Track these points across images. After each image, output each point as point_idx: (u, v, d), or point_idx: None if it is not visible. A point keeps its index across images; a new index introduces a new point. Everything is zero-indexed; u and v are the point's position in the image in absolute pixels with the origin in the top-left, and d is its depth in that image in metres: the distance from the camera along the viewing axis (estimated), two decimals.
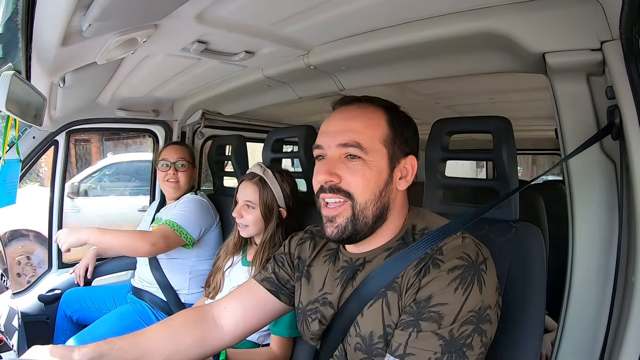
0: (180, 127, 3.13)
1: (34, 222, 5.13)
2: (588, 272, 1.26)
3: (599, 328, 1.20)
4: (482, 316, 1.01)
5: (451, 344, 0.98)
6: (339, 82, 2.09)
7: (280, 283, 1.41)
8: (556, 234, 1.80)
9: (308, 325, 1.30)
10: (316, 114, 3.57)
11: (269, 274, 1.44)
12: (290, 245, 1.46)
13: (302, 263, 1.39)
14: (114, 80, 2.17)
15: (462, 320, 0.99)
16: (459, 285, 1.01)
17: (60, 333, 2.61)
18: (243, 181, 2.02)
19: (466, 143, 3.57)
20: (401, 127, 1.19)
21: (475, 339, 1.00)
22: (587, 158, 1.22)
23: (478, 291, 1.01)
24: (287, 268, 1.43)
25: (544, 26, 1.21)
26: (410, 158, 1.19)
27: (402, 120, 1.20)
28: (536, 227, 1.34)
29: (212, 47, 1.74)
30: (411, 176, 1.19)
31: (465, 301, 1.00)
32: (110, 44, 1.39)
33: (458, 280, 1.01)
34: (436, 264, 1.05)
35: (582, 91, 1.23)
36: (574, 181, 1.29)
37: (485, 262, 1.06)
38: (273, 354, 1.83)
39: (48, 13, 1.16)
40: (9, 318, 1.69)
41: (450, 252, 1.07)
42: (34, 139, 2.46)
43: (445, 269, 1.03)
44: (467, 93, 2.65)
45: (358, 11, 1.43)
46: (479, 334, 1.00)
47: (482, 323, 1.01)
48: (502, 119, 1.37)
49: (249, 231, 2.00)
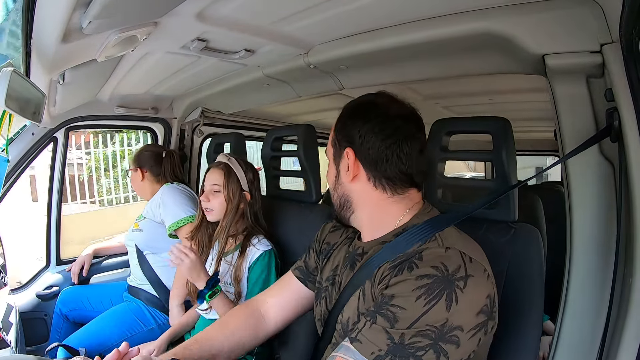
0: (179, 124, 3.13)
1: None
2: (586, 274, 1.26)
3: (596, 330, 1.20)
4: (444, 334, 0.95)
5: (398, 348, 0.95)
6: (338, 82, 2.10)
7: (308, 271, 1.50)
8: (554, 236, 1.81)
9: (319, 303, 1.36)
10: (316, 113, 3.58)
11: (301, 262, 1.53)
12: (322, 232, 1.53)
13: (329, 247, 1.45)
14: (113, 78, 2.17)
15: (416, 330, 0.95)
16: (422, 294, 0.97)
17: (55, 331, 2.62)
18: (210, 169, 2.11)
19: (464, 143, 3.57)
20: (344, 122, 1.25)
21: (428, 355, 0.95)
22: (585, 160, 1.22)
23: (444, 307, 0.95)
24: (314, 255, 1.50)
25: (544, 28, 1.21)
26: (347, 150, 1.20)
27: (349, 115, 1.25)
28: (535, 229, 1.34)
29: (212, 45, 1.74)
30: (352, 167, 1.20)
31: (425, 313, 0.95)
32: (110, 41, 1.39)
33: (424, 289, 0.97)
34: (411, 267, 1.02)
35: (581, 93, 1.23)
36: (573, 183, 1.29)
37: (466, 279, 0.99)
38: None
39: (48, 10, 1.16)
40: (6, 314, 1.69)
41: (428, 259, 1.02)
42: (32, 135, 2.44)
43: (415, 275, 0.99)
44: (467, 93, 2.65)
45: (358, 11, 1.43)
46: (436, 352, 0.95)
47: (442, 342, 0.95)
48: (501, 120, 1.37)
49: (214, 215, 2.06)
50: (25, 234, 4.96)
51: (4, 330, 1.55)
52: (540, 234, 1.33)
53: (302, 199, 2.08)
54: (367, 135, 1.17)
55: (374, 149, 1.17)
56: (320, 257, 1.47)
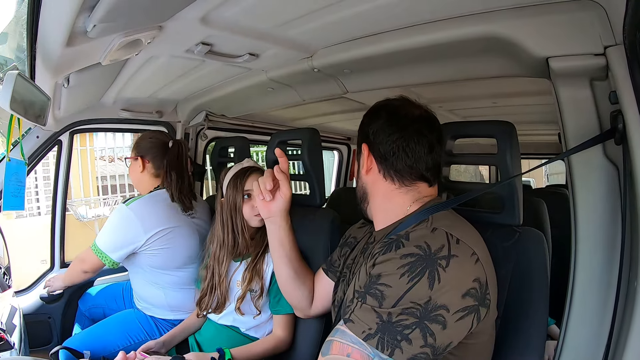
0: (183, 128, 3.12)
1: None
2: (590, 278, 1.25)
3: (601, 334, 1.20)
4: (428, 312, 0.99)
5: (387, 327, 1.00)
6: (342, 85, 2.10)
7: (331, 262, 1.66)
8: (559, 239, 1.80)
9: (338, 289, 1.50)
10: (320, 117, 3.58)
11: (330, 257, 1.70)
12: (350, 230, 1.66)
13: (355, 241, 1.56)
14: (118, 81, 2.17)
15: (402, 307, 1.00)
16: (406, 272, 1.03)
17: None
18: (252, 174, 1.99)
19: (468, 147, 3.57)
20: (363, 122, 1.38)
21: (415, 334, 0.99)
22: (590, 163, 1.21)
23: (427, 285, 1.00)
24: (339, 249, 1.64)
25: (548, 31, 1.21)
26: (363, 146, 1.34)
27: (368, 115, 1.38)
28: (539, 232, 1.34)
29: (216, 49, 1.74)
30: (367, 162, 1.33)
31: (409, 290, 1.01)
32: (115, 45, 1.40)
33: (407, 267, 1.03)
34: (398, 246, 1.09)
35: (585, 96, 1.23)
36: (577, 186, 1.28)
37: (449, 258, 1.04)
38: (278, 338, 1.88)
39: (53, 14, 1.16)
40: (10, 316, 1.69)
41: (414, 239, 1.09)
42: (37, 138, 2.45)
43: (400, 254, 1.06)
44: (470, 97, 2.65)
45: (362, 15, 1.43)
46: (422, 330, 0.99)
47: (427, 320, 0.99)
48: (506, 124, 1.37)
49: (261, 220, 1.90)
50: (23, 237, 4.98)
51: (7, 332, 1.55)
52: (545, 238, 1.33)
53: (306, 202, 2.08)
54: (377, 132, 1.30)
55: (383, 144, 1.29)
56: (344, 249, 1.59)
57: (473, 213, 1.44)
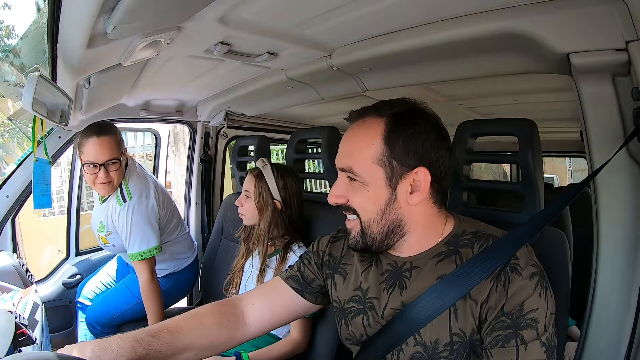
0: (203, 127, 3.17)
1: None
2: (612, 278, 1.23)
3: (622, 336, 1.18)
4: (553, 321, 1.04)
5: (550, 348, 1.01)
6: (361, 83, 2.09)
7: (306, 282, 1.41)
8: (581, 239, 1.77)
9: (348, 325, 1.29)
10: (339, 115, 3.57)
11: (295, 272, 1.44)
12: (320, 244, 1.45)
13: (334, 260, 1.38)
14: (138, 82, 2.20)
15: (550, 323, 1.02)
16: (541, 290, 1.03)
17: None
18: (247, 174, 2.16)
19: (488, 145, 3.53)
20: (404, 138, 1.10)
21: (555, 340, 1.04)
22: (612, 161, 1.19)
23: (551, 294, 1.05)
24: (313, 267, 1.42)
25: (568, 26, 1.19)
26: (419, 170, 1.10)
27: (406, 129, 1.11)
28: (561, 232, 1.32)
29: (235, 48, 1.75)
30: (424, 189, 1.11)
31: (547, 305, 1.03)
32: (135, 46, 1.41)
33: (539, 285, 1.03)
34: (515, 269, 1.04)
35: (607, 92, 1.20)
36: (599, 184, 1.26)
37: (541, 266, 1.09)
38: (295, 341, 1.89)
39: (73, 16, 1.18)
40: (33, 312, 1.73)
41: (522, 257, 1.06)
42: (59, 138, 2.53)
43: (527, 276, 1.03)
44: (490, 94, 2.62)
45: (380, 12, 1.43)
46: (556, 336, 1.05)
47: (552, 327, 1.04)
48: (527, 122, 1.35)
49: (247, 219, 2.14)
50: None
51: (30, 328, 1.58)
52: (566, 238, 1.31)
53: (325, 200, 2.08)
54: (434, 149, 1.11)
55: (444, 164, 1.14)
56: (324, 270, 1.40)
57: (494, 212, 1.43)
